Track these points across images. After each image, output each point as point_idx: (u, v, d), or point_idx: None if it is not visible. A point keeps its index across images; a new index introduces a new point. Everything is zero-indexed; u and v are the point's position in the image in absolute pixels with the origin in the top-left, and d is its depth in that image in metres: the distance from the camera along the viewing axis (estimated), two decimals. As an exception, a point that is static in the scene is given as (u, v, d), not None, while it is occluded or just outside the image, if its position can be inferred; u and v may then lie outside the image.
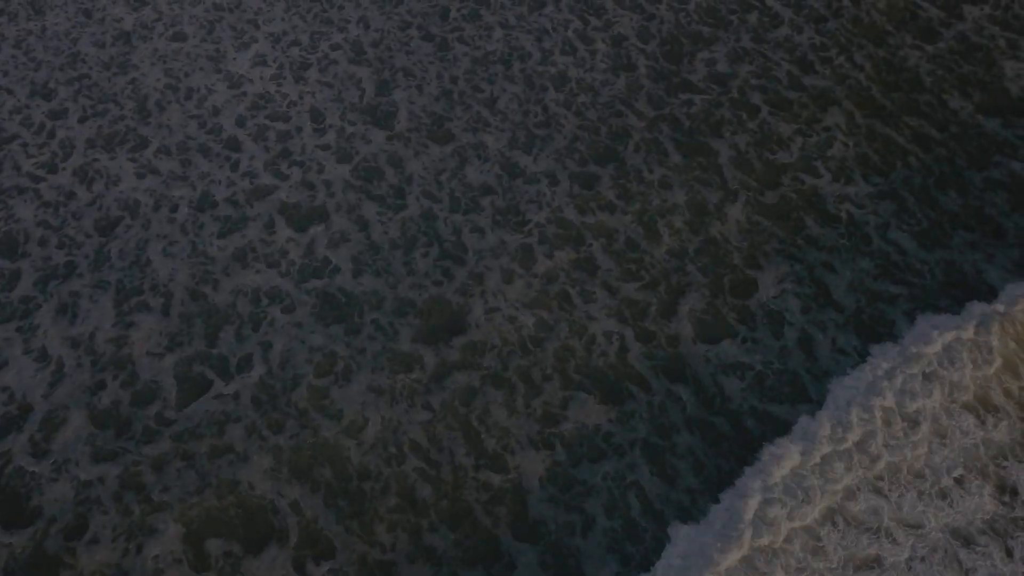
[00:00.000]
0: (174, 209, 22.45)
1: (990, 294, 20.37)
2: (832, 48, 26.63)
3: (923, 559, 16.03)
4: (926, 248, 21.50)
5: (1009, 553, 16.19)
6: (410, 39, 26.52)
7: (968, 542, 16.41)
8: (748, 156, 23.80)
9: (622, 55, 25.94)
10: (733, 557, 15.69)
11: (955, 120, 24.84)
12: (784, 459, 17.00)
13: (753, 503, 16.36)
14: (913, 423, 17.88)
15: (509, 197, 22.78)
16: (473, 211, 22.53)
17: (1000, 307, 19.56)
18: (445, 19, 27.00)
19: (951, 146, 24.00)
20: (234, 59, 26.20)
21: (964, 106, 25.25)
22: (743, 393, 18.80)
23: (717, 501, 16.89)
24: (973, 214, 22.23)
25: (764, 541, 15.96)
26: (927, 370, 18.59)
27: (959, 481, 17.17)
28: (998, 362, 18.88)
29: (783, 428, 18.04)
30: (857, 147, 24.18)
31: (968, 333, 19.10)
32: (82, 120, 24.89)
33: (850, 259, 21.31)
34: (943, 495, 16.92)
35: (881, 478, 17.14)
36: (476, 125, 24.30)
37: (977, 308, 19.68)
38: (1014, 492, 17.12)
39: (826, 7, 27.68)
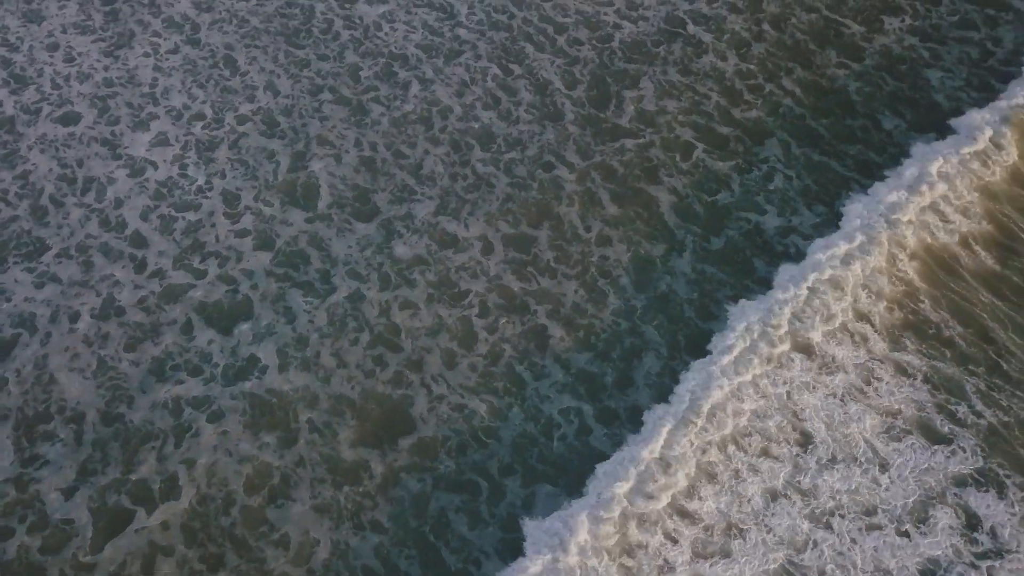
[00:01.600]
0: (75, 319, 20.46)
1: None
2: (760, 75, 25.88)
3: None
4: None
5: None
6: (323, 104, 24.91)
7: None
8: (688, 200, 22.81)
9: (547, 103, 24.76)
10: None
11: (891, 141, 24.27)
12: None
13: None
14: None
15: (441, 269, 21.36)
16: (404, 287, 21.05)
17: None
18: (357, 79, 25.45)
19: (890, 167, 23.36)
20: (133, 141, 24.25)
21: (898, 124, 24.72)
22: (712, 467, 17.66)
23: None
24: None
25: None
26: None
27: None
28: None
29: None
30: (799, 179, 23.39)
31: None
32: (-32, 226, 22.70)
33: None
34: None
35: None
36: (402, 194, 22.83)
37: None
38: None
39: (748, 31, 26.96)
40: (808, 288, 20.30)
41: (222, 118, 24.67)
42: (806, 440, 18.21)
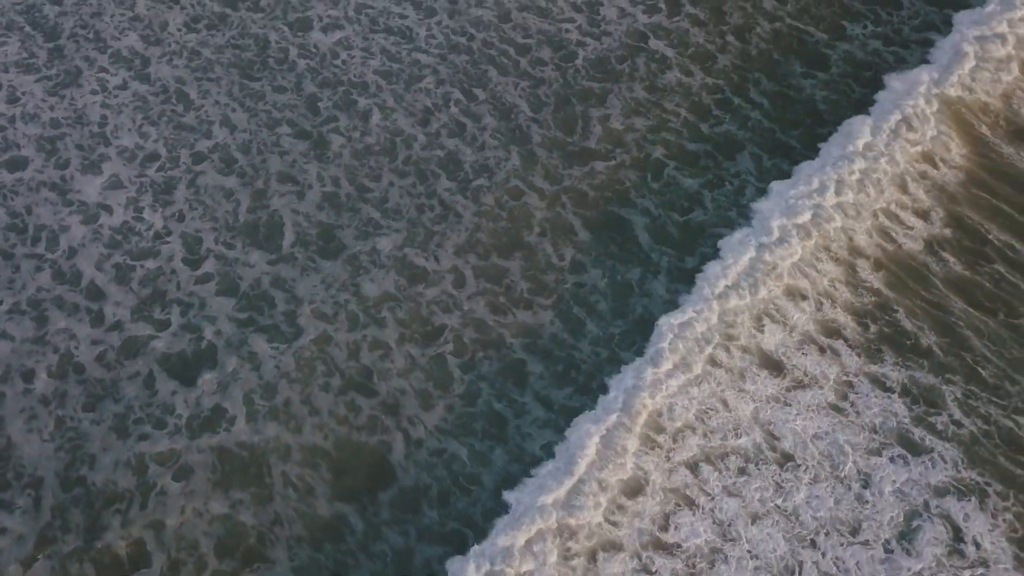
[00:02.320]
0: (30, 379, 19.49)
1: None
2: (727, 88, 25.50)
3: None
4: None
5: None
6: (281, 138, 24.11)
7: None
8: (661, 221, 22.34)
9: (513, 127, 24.17)
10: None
11: (862, 151, 23.95)
12: None
13: None
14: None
15: (412, 306, 20.68)
16: (373, 326, 20.34)
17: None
18: (315, 111, 24.68)
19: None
20: (84, 185, 23.28)
21: (867, 132, 24.42)
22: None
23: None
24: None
25: None
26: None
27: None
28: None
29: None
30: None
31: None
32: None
33: (786, 325, 20.02)
34: None
35: None
36: (367, 229, 22.11)
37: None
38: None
39: (712, 43, 26.58)
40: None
41: (177, 157, 23.78)
42: (784, 458, 17.81)
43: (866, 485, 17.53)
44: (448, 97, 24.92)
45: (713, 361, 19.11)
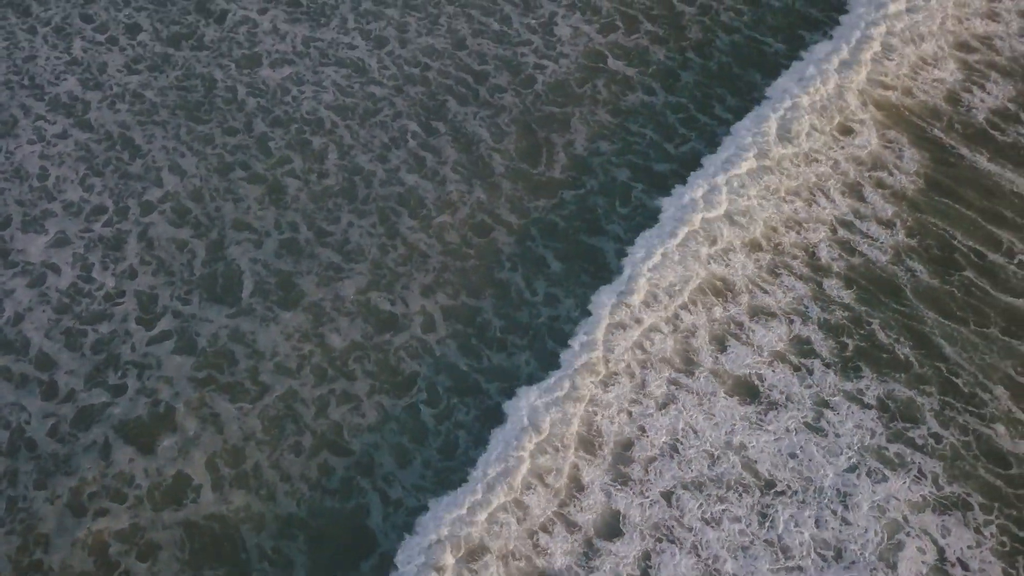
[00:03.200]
0: (-20, 460, 18.34)
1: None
2: (691, 106, 24.97)
3: None
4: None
5: None
6: (235, 183, 23.10)
7: None
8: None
9: (475, 160, 23.39)
10: None
11: (831, 164, 23.58)
12: None
13: None
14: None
15: (380, 355, 19.83)
16: (342, 379, 19.46)
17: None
18: (268, 153, 23.70)
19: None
20: (28, 244, 22.09)
21: (834, 144, 24.06)
22: None
23: None
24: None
25: None
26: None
27: None
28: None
29: None
30: (742, 214, 22.52)
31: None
32: None
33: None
34: None
35: None
36: (329, 274, 21.21)
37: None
38: None
39: (672, 60, 26.04)
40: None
41: (125, 209, 22.68)
42: (764, 483, 17.33)
43: (848, 506, 17.08)
44: (406, 130, 24.09)
45: (677, 384, 18.60)
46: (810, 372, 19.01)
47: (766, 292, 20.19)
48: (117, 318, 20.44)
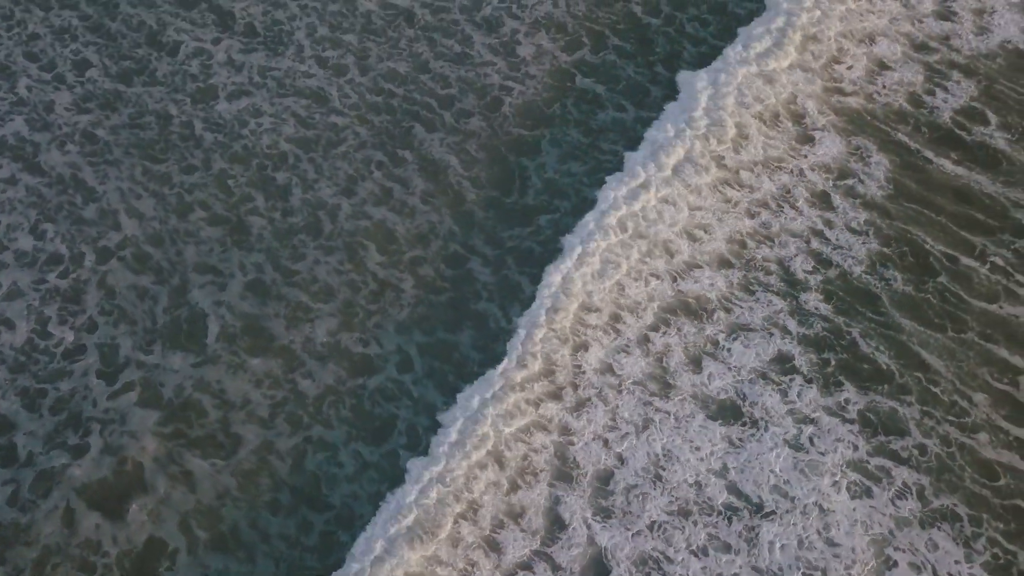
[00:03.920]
0: (-65, 536, 17.30)
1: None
2: (661, 121, 24.43)
3: None
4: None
5: None
6: (195, 225, 22.18)
7: None
8: (611, 273, 21.11)
9: (445, 188, 22.69)
10: None
11: (806, 175, 23.17)
12: None
13: None
14: None
15: (354, 400, 19.06)
16: (317, 426, 18.68)
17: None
18: (229, 191, 22.80)
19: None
20: (-21, 298, 21.05)
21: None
22: None
23: None
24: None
25: None
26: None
27: None
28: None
29: None
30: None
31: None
32: None
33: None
34: None
35: None
36: (298, 315, 20.40)
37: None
38: None
39: (642, 75, 25.52)
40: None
41: (81, 256, 21.69)
42: (751, 506, 16.91)
43: (833, 525, 16.70)
44: (371, 161, 23.32)
45: (654, 407, 18.14)
46: (790, 388, 18.60)
47: (741, 309, 19.70)
48: (77, 374, 19.47)
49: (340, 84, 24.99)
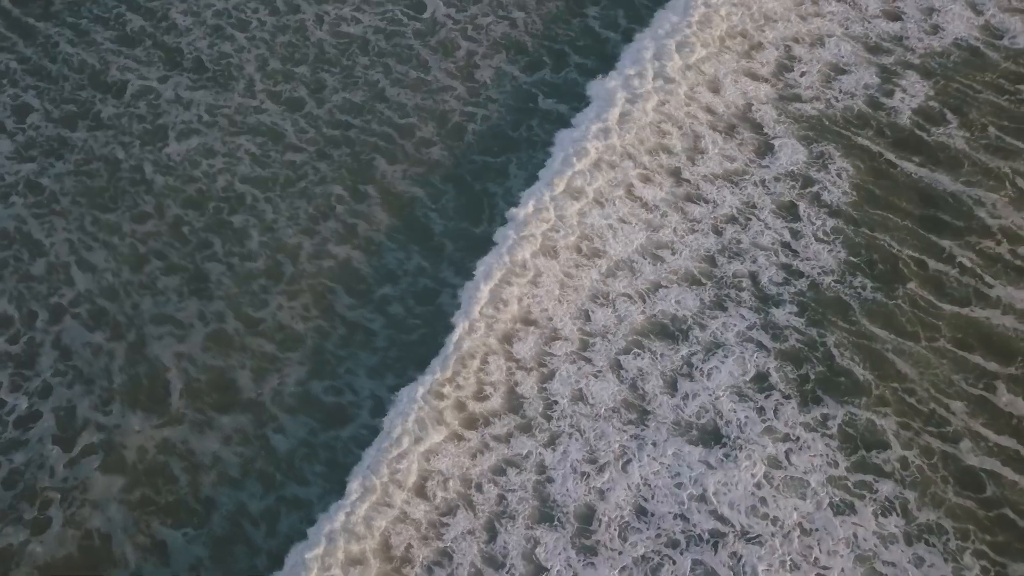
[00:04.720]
0: None
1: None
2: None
3: None
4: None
5: None
6: (151, 276, 21.22)
7: None
8: (587, 301, 20.54)
9: (413, 223, 21.97)
10: None
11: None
12: None
13: None
14: None
15: (329, 454, 18.28)
16: (291, 484, 17.87)
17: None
18: (184, 239, 21.87)
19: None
20: (-77, 367, 19.94)
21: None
22: None
23: None
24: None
25: None
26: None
27: None
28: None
29: None
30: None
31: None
32: None
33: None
34: None
35: None
36: (265, 366, 19.56)
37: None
38: None
39: (602, 91, 24.95)
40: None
41: (32, 317, 20.63)
42: (736, 530, 16.47)
43: (818, 543, 16.30)
44: (331, 197, 22.51)
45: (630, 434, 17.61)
46: (767, 406, 18.12)
47: (714, 327, 19.21)
48: (32, 445, 18.46)
49: (295, 119, 24.15)
